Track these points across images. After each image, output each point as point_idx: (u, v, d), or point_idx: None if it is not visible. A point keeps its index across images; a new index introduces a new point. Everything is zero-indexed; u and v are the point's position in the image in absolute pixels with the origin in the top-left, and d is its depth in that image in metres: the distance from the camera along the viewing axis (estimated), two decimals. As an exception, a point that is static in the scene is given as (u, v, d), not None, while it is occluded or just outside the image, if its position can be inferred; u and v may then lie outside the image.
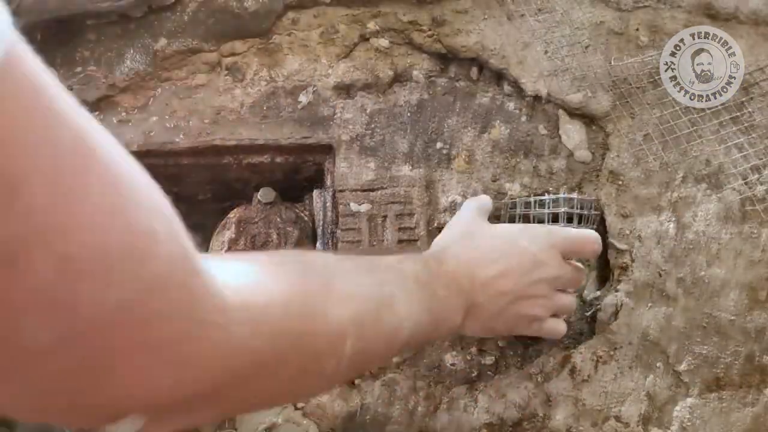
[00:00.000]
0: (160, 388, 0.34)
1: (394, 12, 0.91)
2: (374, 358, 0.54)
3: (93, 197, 0.28)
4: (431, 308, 0.59)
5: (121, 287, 0.29)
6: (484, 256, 0.67)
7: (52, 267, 0.27)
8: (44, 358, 0.29)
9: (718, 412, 0.76)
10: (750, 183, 0.83)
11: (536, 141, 0.86)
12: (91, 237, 0.28)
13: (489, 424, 0.76)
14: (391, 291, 0.54)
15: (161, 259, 0.31)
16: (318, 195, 0.84)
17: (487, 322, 0.67)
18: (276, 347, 0.41)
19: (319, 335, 0.45)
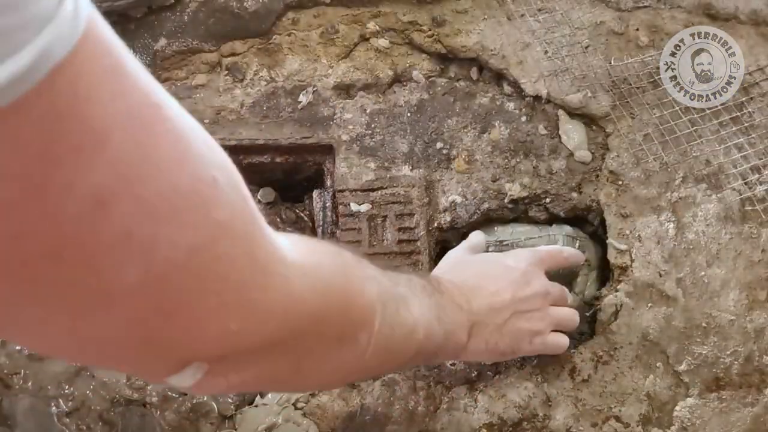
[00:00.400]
0: (225, 333, 0.35)
1: (394, 12, 0.91)
2: (394, 352, 0.54)
3: (163, 147, 0.30)
4: (440, 317, 0.60)
5: (190, 231, 0.31)
6: (476, 280, 0.69)
7: (134, 210, 0.29)
8: (126, 298, 0.31)
9: (718, 412, 0.76)
10: (750, 183, 0.83)
11: (536, 141, 0.86)
12: (165, 183, 0.30)
13: (489, 424, 0.76)
14: (405, 292, 0.55)
15: (224, 207, 0.33)
16: (318, 195, 0.84)
17: (490, 339, 0.68)
18: (326, 305, 0.43)
19: (356, 304, 0.47)
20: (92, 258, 0.29)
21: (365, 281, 0.49)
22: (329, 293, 0.43)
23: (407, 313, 0.54)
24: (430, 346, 0.58)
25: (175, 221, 0.31)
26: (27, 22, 0.24)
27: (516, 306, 0.69)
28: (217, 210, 0.33)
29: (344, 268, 0.47)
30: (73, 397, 0.77)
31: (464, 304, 0.65)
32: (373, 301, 0.48)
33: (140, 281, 0.30)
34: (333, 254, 0.47)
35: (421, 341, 0.55)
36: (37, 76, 0.25)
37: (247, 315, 0.36)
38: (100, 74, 0.27)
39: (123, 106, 0.28)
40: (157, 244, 0.30)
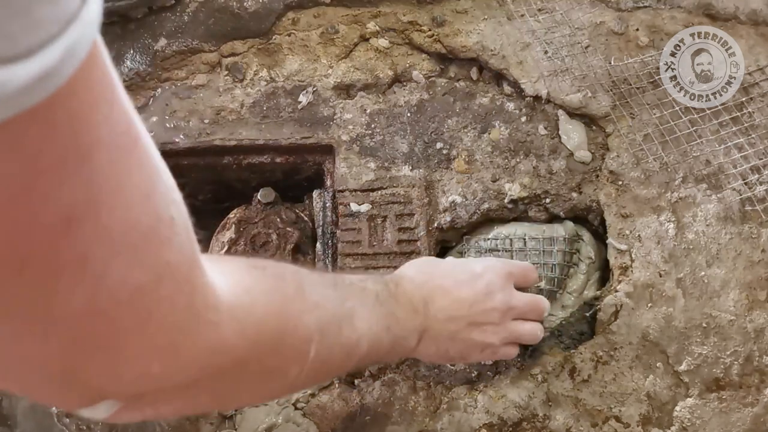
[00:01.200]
0: (146, 374, 0.35)
1: (394, 12, 0.91)
2: (332, 369, 0.55)
3: (135, 179, 0.30)
4: (389, 327, 0.60)
5: (141, 269, 0.31)
6: (439, 282, 0.69)
7: (95, 236, 0.29)
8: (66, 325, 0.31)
9: (718, 412, 0.76)
10: (750, 183, 0.83)
11: (536, 141, 0.86)
12: (129, 215, 0.30)
13: (489, 424, 0.76)
14: (353, 306, 0.55)
15: (175, 248, 0.34)
16: (318, 195, 0.84)
17: (441, 345, 0.68)
18: (255, 348, 0.43)
19: (289, 339, 0.47)
20: (49, 276, 0.29)
21: (303, 315, 0.48)
22: (260, 336, 0.43)
23: (351, 331, 0.54)
24: (374, 355, 0.59)
25: (128, 255, 0.31)
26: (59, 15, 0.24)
27: (472, 317, 0.69)
28: (169, 251, 0.33)
29: (281, 305, 0.46)
30: (73, 397, 0.77)
31: (420, 308, 0.65)
32: (310, 331, 0.48)
33: (83, 310, 0.30)
34: (271, 289, 0.46)
35: (363, 354, 0.56)
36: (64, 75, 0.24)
37: (172, 359, 0.36)
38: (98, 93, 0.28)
39: (109, 130, 0.28)
40: (107, 275, 0.30)
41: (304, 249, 0.83)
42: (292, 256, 0.81)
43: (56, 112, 0.25)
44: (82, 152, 0.27)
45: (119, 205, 0.30)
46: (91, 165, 0.28)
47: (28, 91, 0.23)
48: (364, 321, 0.56)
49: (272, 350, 0.45)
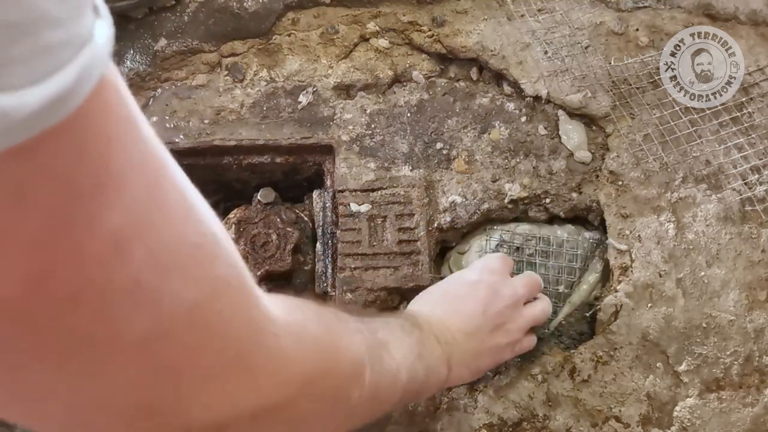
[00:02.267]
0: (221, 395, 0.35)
1: (394, 12, 0.91)
2: (383, 398, 0.53)
3: (171, 199, 0.30)
4: (421, 355, 0.59)
5: (194, 285, 0.31)
6: (445, 307, 0.69)
7: (145, 258, 0.28)
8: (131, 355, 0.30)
9: (718, 412, 0.76)
10: (750, 183, 0.83)
11: (536, 142, 0.86)
12: (173, 234, 0.30)
13: (489, 424, 0.76)
14: (384, 336, 0.55)
15: (224, 262, 0.33)
16: (318, 195, 0.84)
17: (473, 363, 0.68)
18: (316, 363, 0.42)
19: (346, 359, 0.46)
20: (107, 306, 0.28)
21: (351, 335, 0.48)
22: (318, 350, 0.43)
23: (390, 359, 0.53)
24: (414, 386, 0.58)
25: (180, 274, 0.30)
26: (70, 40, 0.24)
27: (490, 323, 0.69)
28: (218, 266, 0.33)
29: (328, 325, 0.46)
30: (73, 397, 0.77)
31: (441, 337, 0.65)
32: (361, 353, 0.48)
33: (145, 335, 0.30)
34: (315, 312, 0.46)
35: (405, 384, 0.55)
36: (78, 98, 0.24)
37: (242, 374, 0.35)
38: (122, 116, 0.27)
39: (138, 153, 0.28)
40: (163, 297, 0.30)
41: (304, 249, 0.83)
42: (292, 256, 0.81)
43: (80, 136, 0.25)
44: (116, 175, 0.27)
45: (163, 225, 0.29)
46: (128, 188, 0.27)
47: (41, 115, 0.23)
48: (398, 350, 0.55)
49: (333, 368, 0.44)
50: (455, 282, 0.73)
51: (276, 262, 0.80)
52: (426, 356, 0.60)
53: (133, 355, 0.30)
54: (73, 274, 0.26)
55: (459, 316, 0.68)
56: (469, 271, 0.75)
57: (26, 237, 0.25)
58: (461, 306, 0.69)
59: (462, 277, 0.74)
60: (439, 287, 0.74)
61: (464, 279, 0.73)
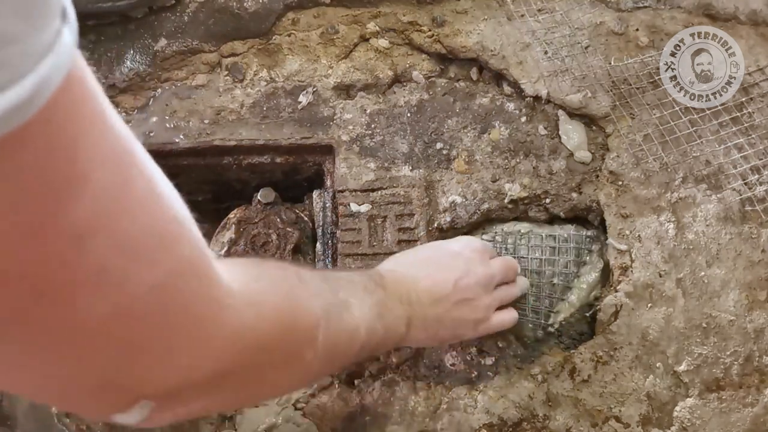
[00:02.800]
0: (178, 368, 0.36)
1: (394, 12, 0.91)
2: (339, 355, 0.56)
3: (136, 189, 0.31)
4: (381, 314, 0.61)
5: (157, 267, 0.32)
6: (420, 268, 0.71)
7: (109, 246, 0.30)
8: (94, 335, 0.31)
9: (718, 412, 0.76)
10: (750, 183, 0.83)
11: (536, 142, 0.86)
12: (139, 221, 0.31)
13: (489, 424, 0.76)
14: (346, 296, 0.57)
15: (187, 245, 0.35)
16: (318, 196, 0.84)
17: (429, 329, 0.69)
18: (272, 331, 0.44)
19: (300, 323, 0.48)
20: (70, 294, 0.29)
21: (309, 299, 0.50)
22: (275, 318, 0.44)
23: (350, 318, 0.55)
24: (372, 342, 0.60)
25: (144, 258, 0.32)
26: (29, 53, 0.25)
27: (458, 295, 0.70)
28: (182, 248, 0.34)
29: (288, 290, 0.48)
30: (73, 397, 0.77)
31: (404, 296, 0.66)
32: (317, 317, 0.50)
33: (109, 317, 0.31)
34: (275, 278, 0.48)
35: (363, 340, 0.57)
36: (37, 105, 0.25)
37: (199, 348, 0.37)
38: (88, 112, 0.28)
39: (104, 147, 0.29)
40: (127, 281, 0.31)
41: (304, 249, 0.83)
42: (292, 256, 0.81)
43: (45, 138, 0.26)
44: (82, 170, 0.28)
45: (127, 214, 0.30)
46: (92, 184, 0.28)
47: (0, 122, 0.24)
48: (358, 310, 0.57)
49: (288, 334, 0.46)
50: (436, 248, 0.75)
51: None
52: (386, 315, 0.62)
53: (94, 337, 0.31)
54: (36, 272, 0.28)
55: (430, 279, 0.69)
56: (454, 242, 0.76)
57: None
58: (435, 272, 0.71)
59: (444, 245, 0.75)
60: (420, 250, 0.76)
61: (446, 248, 0.75)
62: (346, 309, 0.56)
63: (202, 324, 0.37)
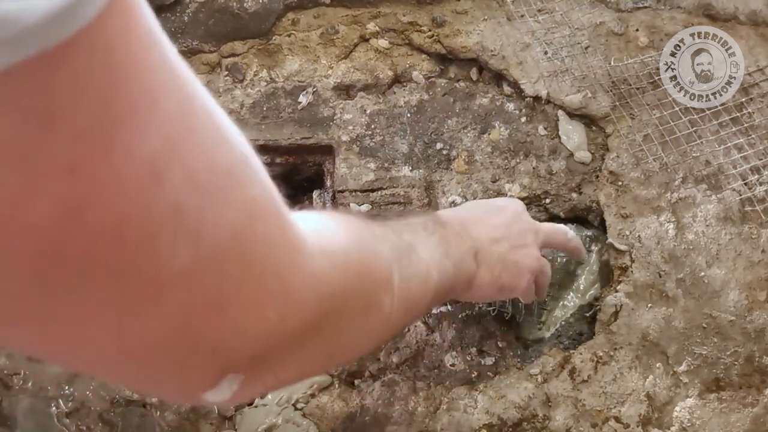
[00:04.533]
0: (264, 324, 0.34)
1: (393, 13, 0.91)
2: (415, 301, 0.53)
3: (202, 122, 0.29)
4: (448, 251, 0.59)
5: (232, 209, 0.30)
6: (471, 215, 0.69)
7: (183, 184, 0.27)
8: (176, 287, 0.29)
9: (718, 413, 0.76)
10: (750, 184, 0.83)
11: (536, 142, 0.86)
12: (208, 157, 0.29)
13: (489, 424, 0.76)
14: (410, 239, 0.54)
15: (258, 184, 0.32)
16: (318, 196, 0.84)
17: (495, 268, 0.67)
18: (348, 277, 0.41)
19: (374, 269, 0.45)
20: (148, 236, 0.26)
21: (378, 243, 0.47)
22: (349, 265, 0.42)
23: (418, 260, 0.53)
24: (446, 283, 0.57)
25: (219, 197, 0.29)
26: None
27: (512, 239, 0.69)
28: (253, 187, 0.32)
29: (356, 236, 0.46)
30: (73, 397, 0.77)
31: (465, 233, 0.65)
32: (388, 260, 0.47)
33: (189, 266, 0.28)
34: (342, 224, 0.45)
35: (436, 282, 0.55)
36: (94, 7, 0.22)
37: (283, 300, 0.35)
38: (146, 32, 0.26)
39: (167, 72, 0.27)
40: (204, 223, 0.28)
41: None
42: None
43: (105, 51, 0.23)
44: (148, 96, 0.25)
45: (197, 147, 0.28)
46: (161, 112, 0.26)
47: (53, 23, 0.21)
48: (423, 249, 0.54)
49: (363, 279, 0.44)
50: (481, 203, 0.75)
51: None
52: (453, 252, 0.60)
53: (177, 287, 0.29)
54: (113, 203, 0.25)
55: (484, 224, 0.68)
56: (498, 199, 0.77)
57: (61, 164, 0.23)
58: (487, 218, 0.69)
59: (488, 201, 0.76)
60: (464, 205, 0.75)
61: (491, 202, 0.75)
62: (413, 251, 0.53)
63: (282, 272, 0.34)
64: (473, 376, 0.79)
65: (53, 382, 0.77)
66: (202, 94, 0.29)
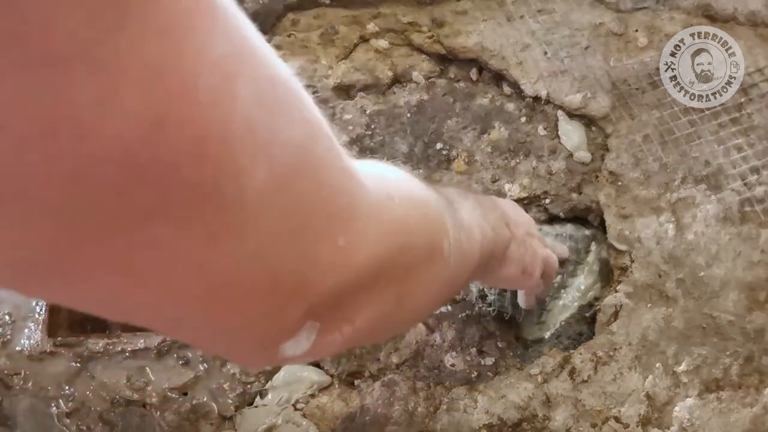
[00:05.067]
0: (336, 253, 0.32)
1: (393, 13, 0.91)
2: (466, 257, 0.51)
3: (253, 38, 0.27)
4: (484, 214, 0.58)
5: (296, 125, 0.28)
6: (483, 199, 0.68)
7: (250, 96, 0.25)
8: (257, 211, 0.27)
9: (718, 413, 0.76)
10: (749, 184, 0.83)
11: (536, 142, 0.86)
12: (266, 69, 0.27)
13: (489, 425, 0.76)
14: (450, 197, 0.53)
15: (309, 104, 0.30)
16: (318, 196, 0.84)
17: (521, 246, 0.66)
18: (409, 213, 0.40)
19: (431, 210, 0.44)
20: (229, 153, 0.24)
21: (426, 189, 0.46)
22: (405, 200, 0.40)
23: (459, 216, 0.51)
24: (486, 246, 0.56)
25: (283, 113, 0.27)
26: None
27: (528, 227, 0.69)
28: (309, 108, 0.30)
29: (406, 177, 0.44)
30: (73, 397, 0.77)
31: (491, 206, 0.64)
32: (439, 206, 0.46)
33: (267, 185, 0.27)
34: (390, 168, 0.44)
35: (479, 241, 0.54)
36: None
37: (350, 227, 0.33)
38: None
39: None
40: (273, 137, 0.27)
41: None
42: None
43: None
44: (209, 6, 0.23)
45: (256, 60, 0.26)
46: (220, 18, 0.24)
47: None
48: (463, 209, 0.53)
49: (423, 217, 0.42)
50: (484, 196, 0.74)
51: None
52: (488, 215, 0.59)
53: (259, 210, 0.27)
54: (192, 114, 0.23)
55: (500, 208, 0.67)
56: None
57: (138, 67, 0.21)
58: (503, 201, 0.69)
59: None
60: None
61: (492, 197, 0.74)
62: (455, 208, 0.51)
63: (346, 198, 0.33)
64: (473, 376, 0.79)
65: (53, 381, 0.77)
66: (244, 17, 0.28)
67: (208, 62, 0.23)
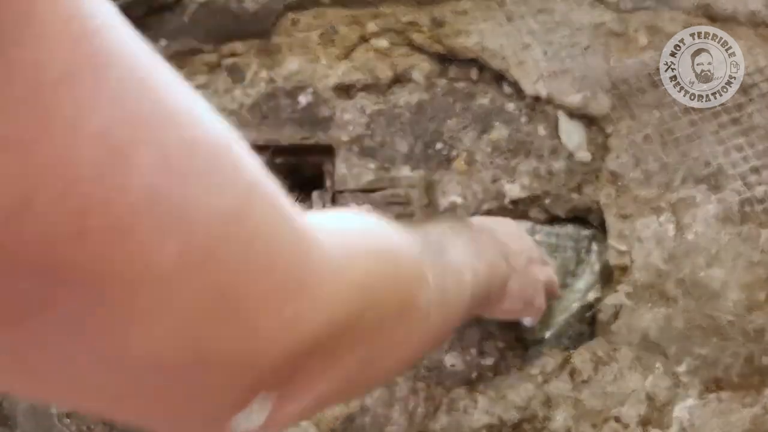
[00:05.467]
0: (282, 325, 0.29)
1: (393, 13, 0.91)
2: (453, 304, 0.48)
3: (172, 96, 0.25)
4: (479, 252, 0.55)
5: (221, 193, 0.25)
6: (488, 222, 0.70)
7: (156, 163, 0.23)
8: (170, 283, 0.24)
9: (718, 413, 0.76)
10: (749, 184, 0.83)
11: (536, 142, 0.86)
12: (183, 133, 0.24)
13: (489, 425, 0.76)
14: (438, 239, 0.50)
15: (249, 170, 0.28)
16: (318, 196, 0.84)
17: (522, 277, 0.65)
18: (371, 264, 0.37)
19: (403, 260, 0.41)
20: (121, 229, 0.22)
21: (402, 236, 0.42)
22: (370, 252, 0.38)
23: (449, 258, 0.49)
24: (481, 286, 0.54)
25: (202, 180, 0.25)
26: None
27: (532, 252, 0.68)
28: (244, 171, 0.27)
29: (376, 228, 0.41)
30: (73, 397, 0.77)
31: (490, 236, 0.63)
32: (417, 252, 0.42)
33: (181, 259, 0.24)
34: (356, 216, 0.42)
35: (471, 283, 0.51)
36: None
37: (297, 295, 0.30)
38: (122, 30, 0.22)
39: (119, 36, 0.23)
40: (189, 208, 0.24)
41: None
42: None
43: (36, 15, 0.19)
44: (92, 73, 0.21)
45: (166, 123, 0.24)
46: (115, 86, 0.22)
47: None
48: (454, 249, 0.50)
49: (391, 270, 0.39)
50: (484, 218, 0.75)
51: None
52: (483, 252, 0.57)
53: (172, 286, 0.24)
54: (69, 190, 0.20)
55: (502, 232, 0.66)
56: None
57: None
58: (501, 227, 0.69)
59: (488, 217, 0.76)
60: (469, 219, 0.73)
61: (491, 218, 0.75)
62: (444, 249, 0.48)
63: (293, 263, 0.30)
64: (473, 376, 0.79)
65: (53, 382, 0.77)
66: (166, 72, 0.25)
67: (89, 133, 0.21)
